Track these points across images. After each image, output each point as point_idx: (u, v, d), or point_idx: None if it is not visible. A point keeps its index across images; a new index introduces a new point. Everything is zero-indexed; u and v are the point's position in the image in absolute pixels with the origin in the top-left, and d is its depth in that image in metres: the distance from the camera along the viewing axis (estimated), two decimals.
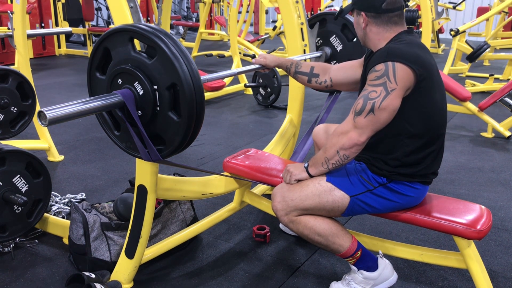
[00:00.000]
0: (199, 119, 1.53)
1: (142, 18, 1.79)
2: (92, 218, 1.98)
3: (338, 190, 1.72)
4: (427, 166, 1.70)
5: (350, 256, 1.79)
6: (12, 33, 3.10)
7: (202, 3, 8.33)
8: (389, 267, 1.83)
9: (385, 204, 1.73)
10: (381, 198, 1.72)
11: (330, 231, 1.75)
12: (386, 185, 1.71)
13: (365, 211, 1.75)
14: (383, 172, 1.71)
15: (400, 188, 1.71)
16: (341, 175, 1.74)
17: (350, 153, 1.63)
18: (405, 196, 1.72)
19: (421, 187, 1.73)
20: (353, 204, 1.72)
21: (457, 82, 4.13)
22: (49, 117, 1.33)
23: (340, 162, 1.67)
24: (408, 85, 1.59)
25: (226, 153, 3.50)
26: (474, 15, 10.68)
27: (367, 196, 1.72)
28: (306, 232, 1.76)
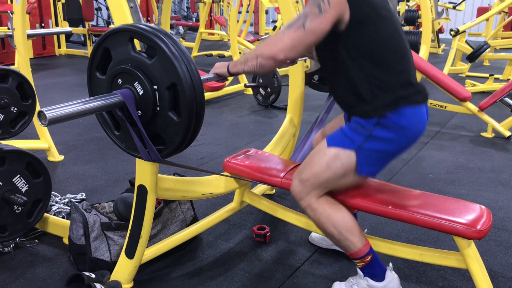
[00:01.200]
0: (199, 119, 1.53)
1: (142, 18, 1.79)
2: (92, 218, 1.98)
3: (342, 150, 1.69)
4: (400, 86, 1.66)
5: (359, 258, 1.76)
6: (12, 33, 3.10)
7: (202, 3, 8.34)
8: (396, 281, 1.79)
9: (392, 143, 1.68)
10: (383, 139, 1.67)
11: (346, 225, 1.73)
12: (379, 123, 1.66)
13: (380, 159, 1.70)
14: (368, 113, 1.67)
15: (393, 120, 1.65)
16: (340, 136, 1.73)
17: (265, 64, 1.62)
18: (402, 127, 1.66)
19: (410, 111, 1.67)
20: (362, 157, 1.68)
21: (457, 82, 4.12)
22: (49, 117, 1.33)
23: (254, 68, 1.65)
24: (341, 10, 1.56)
25: (226, 153, 3.50)
26: (474, 15, 10.68)
27: (369, 142, 1.67)
28: (322, 220, 1.74)
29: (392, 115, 1.65)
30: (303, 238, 2.32)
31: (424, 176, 3.15)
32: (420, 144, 3.81)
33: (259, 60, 1.63)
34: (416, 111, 1.69)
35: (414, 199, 1.83)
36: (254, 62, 1.65)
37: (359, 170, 1.71)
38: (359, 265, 1.79)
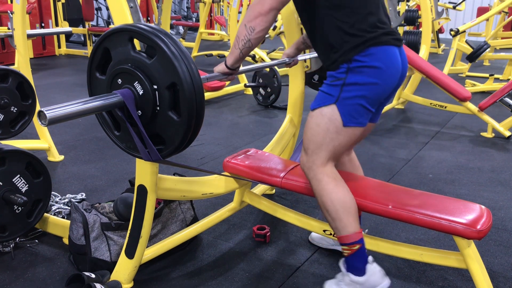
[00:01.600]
0: (199, 119, 1.53)
1: (142, 18, 1.79)
2: (92, 218, 1.97)
3: (324, 107, 1.71)
4: (367, 28, 1.66)
5: (347, 244, 1.75)
6: (12, 33, 3.09)
7: (202, 3, 8.34)
8: (378, 273, 1.79)
9: (369, 87, 1.68)
10: (358, 84, 1.67)
11: (344, 204, 1.73)
12: (350, 69, 1.66)
13: (360, 106, 1.69)
14: (337, 60, 1.69)
15: (362, 62, 1.66)
16: (319, 96, 1.75)
17: (255, 24, 1.64)
18: (374, 68, 1.66)
19: (378, 51, 1.67)
20: (343, 108, 1.69)
21: (457, 82, 4.13)
22: (49, 117, 1.33)
23: (247, 37, 1.67)
24: None
25: (226, 153, 3.50)
26: (474, 15, 10.69)
27: (345, 91, 1.68)
28: (323, 193, 1.75)
29: (360, 58, 1.66)
30: (303, 238, 2.32)
31: (424, 176, 3.15)
32: (420, 144, 3.82)
33: (248, 25, 1.66)
34: (386, 50, 1.69)
35: (414, 199, 1.83)
36: (244, 32, 1.67)
37: (345, 122, 1.70)
38: (345, 252, 1.77)
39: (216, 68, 1.86)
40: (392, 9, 3.84)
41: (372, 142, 3.84)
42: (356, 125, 1.72)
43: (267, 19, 1.64)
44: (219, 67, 1.84)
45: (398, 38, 1.73)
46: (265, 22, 1.65)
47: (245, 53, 1.74)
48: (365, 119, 1.74)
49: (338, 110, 1.69)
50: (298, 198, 2.76)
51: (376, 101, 1.73)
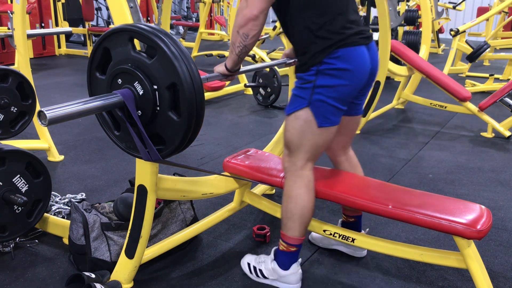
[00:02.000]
0: (199, 119, 1.53)
1: (142, 18, 1.79)
2: (92, 218, 1.97)
3: (298, 111, 1.76)
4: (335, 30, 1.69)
5: (286, 243, 1.88)
6: (12, 33, 3.09)
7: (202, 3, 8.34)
8: (298, 276, 1.92)
9: (338, 90, 1.72)
10: (328, 87, 1.71)
11: (303, 213, 1.84)
12: (319, 71, 1.70)
13: (332, 106, 1.74)
14: (307, 63, 1.72)
15: (333, 65, 1.69)
16: (292, 100, 1.80)
17: (247, 30, 1.66)
18: (343, 70, 1.69)
19: (347, 52, 1.70)
20: (316, 109, 1.73)
21: (457, 82, 4.13)
22: (49, 117, 1.33)
23: (243, 43, 1.70)
24: None
25: (226, 153, 3.50)
26: (474, 15, 10.68)
27: (316, 93, 1.72)
28: (291, 194, 1.84)
29: (329, 60, 1.69)
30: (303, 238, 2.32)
31: (424, 176, 3.15)
32: (420, 144, 3.82)
33: (241, 31, 1.68)
34: (354, 51, 1.72)
35: (414, 199, 1.83)
36: (239, 38, 1.70)
37: (319, 123, 1.75)
38: (280, 247, 1.90)
39: (216, 68, 1.88)
40: (392, 9, 3.83)
41: (372, 142, 3.84)
42: (330, 125, 1.78)
43: (258, 22, 1.66)
44: (219, 68, 1.87)
45: (366, 36, 1.77)
46: (257, 25, 1.67)
47: (242, 57, 1.77)
48: (337, 117, 1.80)
49: (312, 112, 1.75)
50: None
51: (347, 100, 1.78)
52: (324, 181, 1.99)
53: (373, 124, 4.33)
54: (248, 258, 2.04)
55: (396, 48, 4.04)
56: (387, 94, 4.95)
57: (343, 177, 2.07)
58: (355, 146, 3.71)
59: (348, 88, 1.73)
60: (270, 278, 1.94)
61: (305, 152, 1.81)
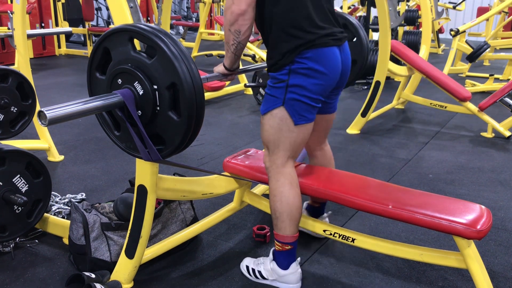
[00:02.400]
0: (199, 119, 1.53)
1: (142, 18, 1.79)
2: (92, 218, 1.97)
3: (274, 110, 1.78)
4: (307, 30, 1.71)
5: (280, 242, 1.88)
6: (12, 33, 3.10)
7: (202, 3, 8.33)
8: (297, 275, 1.92)
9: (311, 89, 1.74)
10: (301, 86, 1.74)
11: (291, 210, 1.84)
12: (292, 70, 1.73)
13: (306, 104, 1.76)
14: (278, 63, 1.74)
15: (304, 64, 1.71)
16: (266, 100, 1.82)
17: (238, 26, 1.68)
18: (314, 71, 1.72)
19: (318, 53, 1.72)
20: (290, 107, 1.76)
21: (457, 82, 4.13)
22: (49, 117, 1.33)
23: (236, 40, 1.71)
24: None
25: (226, 153, 3.50)
26: (474, 15, 10.69)
27: (290, 92, 1.75)
28: (275, 193, 1.85)
29: (300, 60, 1.71)
30: (303, 238, 2.32)
31: (424, 176, 3.15)
32: (420, 144, 3.82)
33: (232, 29, 1.69)
34: (326, 52, 1.74)
35: (414, 199, 1.84)
36: (232, 36, 1.71)
37: (295, 121, 1.78)
38: (276, 247, 1.91)
39: (216, 69, 1.90)
40: (392, 9, 3.83)
41: (372, 142, 3.84)
42: (306, 122, 1.81)
43: (247, 16, 1.67)
44: (218, 68, 1.89)
45: (339, 38, 1.79)
46: (247, 20, 1.68)
47: (239, 54, 1.78)
48: (312, 114, 1.83)
49: (287, 111, 1.77)
50: None
51: (320, 98, 1.81)
52: (324, 181, 2.00)
53: (373, 124, 4.33)
54: (247, 261, 2.04)
55: (396, 48, 4.04)
56: (387, 94, 4.95)
57: (343, 177, 2.07)
58: (355, 146, 3.73)
59: (320, 87, 1.77)
60: (270, 279, 1.94)
61: (285, 150, 1.83)
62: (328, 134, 2.18)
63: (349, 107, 4.95)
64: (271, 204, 1.88)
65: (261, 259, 2.00)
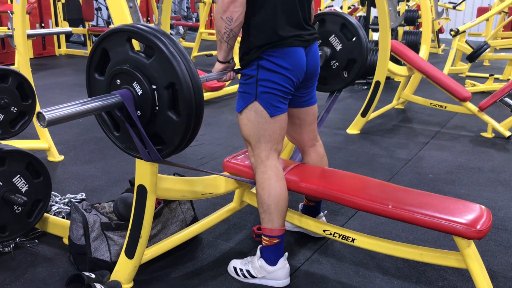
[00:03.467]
0: (198, 119, 1.53)
1: (142, 18, 1.79)
2: (92, 218, 1.97)
3: (248, 106, 1.85)
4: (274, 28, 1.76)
5: (268, 236, 1.90)
6: (12, 33, 3.10)
7: (202, 3, 8.33)
8: (285, 270, 1.94)
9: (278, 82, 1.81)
10: (270, 81, 1.81)
11: (278, 202, 1.87)
12: (260, 65, 1.80)
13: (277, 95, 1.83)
14: (245, 58, 1.82)
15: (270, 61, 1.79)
16: (239, 98, 1.89)
17: (230, 13, 1.70)
18: (280, 67, 1.80)
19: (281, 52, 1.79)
20: (264, 101, 1.83)
21: (457, 82, 4.12)
22: (47, 118, 1.33)
23: (228, 27, 1.73)
24: None
25: (226, 153, 3.50)
26: (474, 15, 10.69)
27: (260, 87, 1.82)
28: (263, 186, 1.88)
29: (267, 56, 1.78)
30: (303, 238, 2.32)
31: (424, 176, 3.15)
32: (420, 144, 3.82)
33: (224, 16, 1.71)
34: (291, 52, 1.81)
35: (414, 199, 1.83)
36: (223, 24, 1.73)
37: (270, 113, 1.85)
38: (264, 242, 1.93)
39: (213, 69, 1.91)
40: (392, 9, 3.84)
41: (372, 142, 3.84)
42: (281, 112, 1.88)
43: (238, 3, 1.69)
44: (215, 67, 1.90)
45: (306, 40, 1.85)
46: (238, 6, 1.70)
47: (231, 43, 1.80)
48: (285, 105, 1.90)
49: (261, 105, 1.84)
50: (298, 198, 2.75)
51: (289, 89, 1.86)
52: (323, 181, 2.00)
53: (373, 124, 4.33)
54: (234, 262, 2.04)
55: (396, 48, 4.04)
56: (387, 94, 4.95)
57: (343, 177, 2.07)
58: (355, 146, 3.73)
59: (287, 80, 1.83)
60: (259, 277, 1.95)
61: (266, 142, 1.88)
62: (328, 134, 2.18)
63: (349, 107, 4.95)
64: (259, 198, 1.91)
65: (248, 258, 2.02)
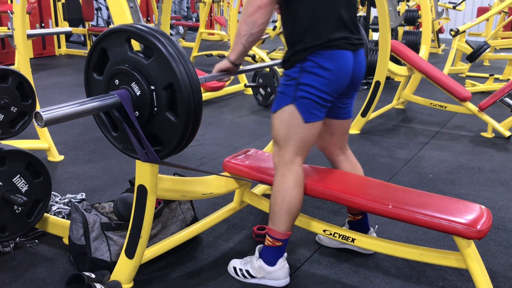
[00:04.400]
0: (196, 119, 1.52)
1: (142, 18, 1.79)
2: (92, 218, 1.97)
3: (284, 108, 1.80)
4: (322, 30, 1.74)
5: (272, 238, 1.89)
6: (12, 33, 3.10)
7: (202, 3, 8.34)
8: (285, 270, 1.93)
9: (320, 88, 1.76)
10: (311, 86, 1.75)
11: (290, 207, 1.85)
12: (303, 68, 1.75)
13: (315, 102, 1.78)
14: (291, 59, 1.77)
15: (315, 63, 1.74)
16: (277, 98, 1.84)
17: (255, 18, 1.68)
18: (325, 70, 1.74)
19: (331, 54, 1.75)
20: (301, 106, 1.78)
21: (457, 82, 4.12)
22: (45, 118, 1.32)
23: (249, 31, 1.71)
24: None
25: (226, 153, 3.50)
26: (474, 15, 10.68)
27: (300, 90, 1.76)
28: (279, 188, 1.86)
29: (313, 58, 1.73)
30: (303, 238, 2.32)
31: (424, 176, 3.14)
32: (420, 144, 3.81)
33: (249, 19, 1.69)
34: (338, 54, 1.77)
35: (414, 199, 1.83)
36: (245, 26, 1.71)
37: (305, 119, 1.80)
38: (266, 242, 1.91)
39: (218, 65, 1.88)
40: (392, 9, 3.83)
41: (372, 142, 3.84)
42: (316, 120, 1.83)
43: (266, 11, 1.68)
44: (221, 64, 1.87)
45: (353, 43, 1.81)
46: (265, 14, 1.69)
47: (248, 47, 1.78)
48: (322, 113, 1.84)
49: (297, 109, 1.79)
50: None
51: (329, 97, 1.81)
52: (323, 181, 1.99)
53: (373, 124, 4.33)
54: (234, 262, 2.04)
55: (396, 48, 4.04)
56: (387, 94, 4.95)
57: (343, 177, 2.07)
58: (355, 146, 3.73)
59: (329, 86, 1.78)
60: (258, 277, 1.94)
61: (294, 146, 1.84)
62: None
63: None
64: (272, 199, 1.88)
65: (248, 258, 2.01)
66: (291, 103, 1.78)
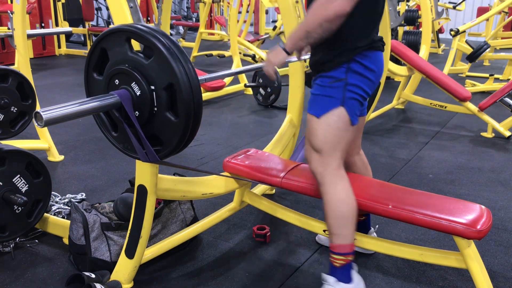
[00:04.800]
0: (196, 120, 1.52)
1: (142, 18, 1.79)
2: (92, 218, 1.97)
3: (332, 111, 1.72)
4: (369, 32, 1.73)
5: (342, 255, 1.76)
6: (12, 33, 3.10)
7: (202, 3, 8.34)
8: (361, 280, 1.85)
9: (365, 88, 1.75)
10: (358, 86, 1.72)
11: (354, 211, 1.75)
12: (350, 69, 1.71)
13: (360, 103, 1.76)
14: (334, 60, 1.71)
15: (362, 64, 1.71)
16: (320, 101, 1.75)
17: (333, 25, 1.59)
18: (370, 71, 1.73)
19: (373, 55, 1.74)
20: (350, 107, 1.73)
21: (457, 82, 4.12)
22: (45, 118, 1.32)
23: (321, 36, 1.62)
24: None
25: (226, 153, 3.50)
26: (474, 15, 10.68)
27: (349, 91, 1.72)
28: (340, 196, 1.75)
29: (360, 59, 1.71)
30: (303, 238, 2.32)
31: (424, 176, 3.14)
32: (420, 144, 3.81)
33: (325, 25, 1.58)
34: (378, 55, 1.78)
35: (414, 199, 1.83)
36: (319, 30, 1.60)
37: (353, 121, 1.76)
38: (336, 263, 1.77)
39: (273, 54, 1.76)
40: (392, 9, 3.83)
41: (372, 142, 3.84)
42: (357, 122, 1.81)
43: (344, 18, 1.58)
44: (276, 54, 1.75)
45: (383, 45, 1.83)
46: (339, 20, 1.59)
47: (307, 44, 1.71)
48: (359, 113, 1.82)
49: (346, 111, 1.73)
50: (298, 198, 2.75)
51: (368, 97, 1.82)
52: None
53: (373, 124, 4.33)
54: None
55: (396, 48, 4.04)
56: (387, 94, 4.95)
57: None
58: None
59: (371, 87, 1.78)
60: None
61: (341, 151, 1.78)
62: None
63: None
64: (334, 211, 1.75)
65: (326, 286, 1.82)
66: (341, 105, 1.71)
